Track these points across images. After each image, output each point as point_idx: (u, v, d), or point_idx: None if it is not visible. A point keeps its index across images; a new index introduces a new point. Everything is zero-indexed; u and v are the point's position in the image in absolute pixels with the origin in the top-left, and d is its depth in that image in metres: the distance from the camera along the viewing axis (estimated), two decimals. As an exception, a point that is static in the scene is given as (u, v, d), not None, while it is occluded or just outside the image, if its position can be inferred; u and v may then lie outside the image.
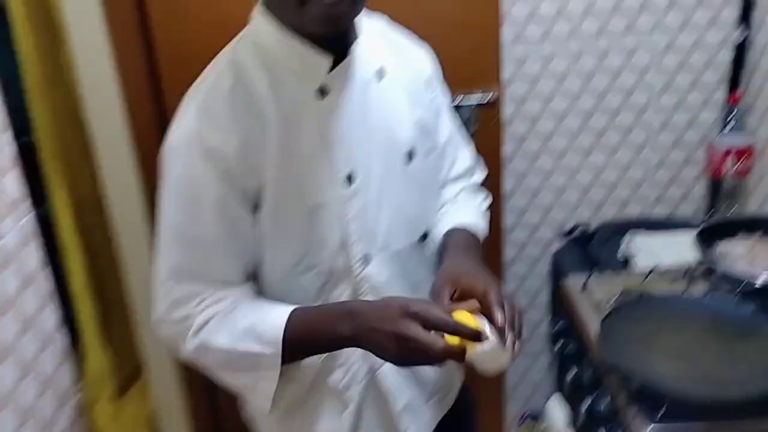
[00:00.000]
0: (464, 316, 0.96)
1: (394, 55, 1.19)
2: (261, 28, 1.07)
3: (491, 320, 0.98)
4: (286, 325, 1.03)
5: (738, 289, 1.39)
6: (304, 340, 1.04)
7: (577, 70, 2.02)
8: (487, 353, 0.95)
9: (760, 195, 1.97)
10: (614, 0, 1.95)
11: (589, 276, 1.61)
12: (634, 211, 2.14)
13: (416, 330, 0.94)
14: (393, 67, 1.17)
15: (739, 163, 1.93)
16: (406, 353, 0.96)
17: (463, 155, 1.34)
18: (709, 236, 1.52)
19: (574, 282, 1.62)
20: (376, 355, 1.00)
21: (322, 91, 1.08)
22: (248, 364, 1.05)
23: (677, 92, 2.04)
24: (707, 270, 1.48)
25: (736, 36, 1.96)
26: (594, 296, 1.55)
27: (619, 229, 1.95)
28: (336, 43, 1.07)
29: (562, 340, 1.64)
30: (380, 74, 1.15)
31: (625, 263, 1.80)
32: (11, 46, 1.54)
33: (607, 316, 1.41)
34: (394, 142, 1.15)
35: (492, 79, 1.80)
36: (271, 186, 1.05)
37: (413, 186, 1.17)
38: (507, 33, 1.95)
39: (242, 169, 1.04)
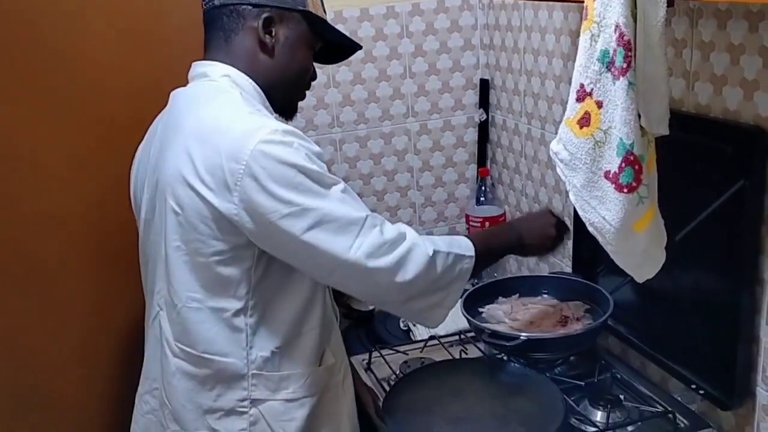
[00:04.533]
0: None
1: None
2: (240, 79, 1.25)
3: None
4: (473, 241, 1.29)
5: (505, 349, 1.50)
6: (483, 251, 1.30)
7: (342, 157, 2.11)
8: None
9: (515, 258, 2.16)
10: (368, 90, 2.09)
11: (371, 354, 1.65)
12: (410, 284, 2.24)
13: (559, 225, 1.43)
14: None
15: (494, 231, 2.11)
16: (554, 239, 1.42)
17: None
18: (474, 302, 1.64)
19: (357, 362, 1.65)
20: (531, 254, 1.48)
21: None
22: (460, 268, 1.26)
23: (434, 171, 2.21)
24: (477, 333, 1.58)
25: (477, 117, 2.19)
26: (378, 373, 1.59)
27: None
28: None
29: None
30: None
31: (407, 335, 1.88)
32: None
33: (389, 392, 1.44)
34: None
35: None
36: None
37: None
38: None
39: None
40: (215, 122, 1.18)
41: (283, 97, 1.32)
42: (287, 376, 1.25)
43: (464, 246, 1.28)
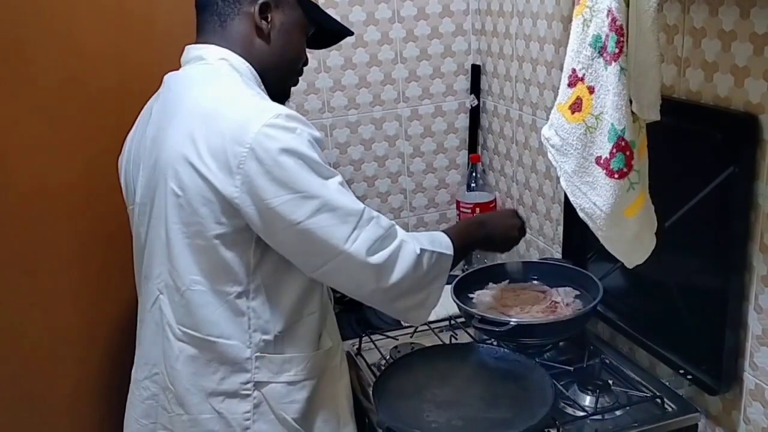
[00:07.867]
0: None
1: None
2: (237, 63, 1.25)
3: None
4: (450, 237, 1.31)
5: (495, 334, 1.51)
6: (459, 248, 1.33)
7: (333, 143, 2.11)
8: None
9: (506, 244, 2.16)
10: (359, 75, 2.08)
11: (362, 339, 1.65)
12: (400, 270, 2.24)
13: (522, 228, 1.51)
14: None
15: (484, 217, 2.11)
16: (516, 240, 1.50)
17: None
18: (464, 288, 1.64)
19: (348, 347, 1.65)
20: (495, 249, 1.58)
21: None
22: (441, 266, 1.28)
23: (425, 157, 2.21)
24: (467, 319, 1.58)
25: (468, 103, 2.18)
26: (368, 358, 1.59)
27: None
28: None
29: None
30: None
31: (397, 320, 1.88)
32: None
33: (379, 377, 1.45)
34: None
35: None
36: None
37: None
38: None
39: None
40: (217, 104, 1.17)
41: (277, 82, 1.32)
42: (289, 359, 1.26)
43: (444, 244, 1.30)
